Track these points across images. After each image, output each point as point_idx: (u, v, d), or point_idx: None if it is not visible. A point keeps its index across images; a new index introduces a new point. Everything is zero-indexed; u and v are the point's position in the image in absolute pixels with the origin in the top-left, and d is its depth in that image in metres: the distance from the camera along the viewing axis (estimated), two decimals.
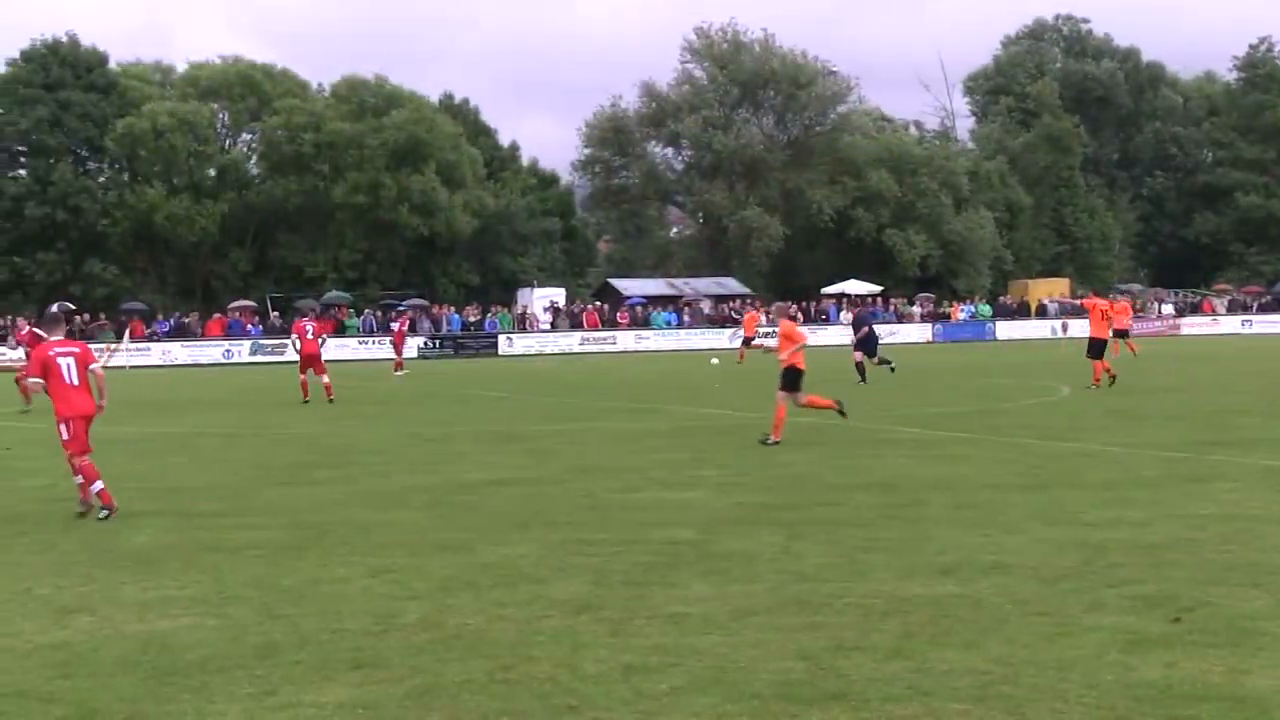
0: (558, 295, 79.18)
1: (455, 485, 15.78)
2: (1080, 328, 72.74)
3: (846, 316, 77.36)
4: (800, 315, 73.71)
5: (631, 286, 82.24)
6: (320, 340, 33.88)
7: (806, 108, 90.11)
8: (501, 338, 70.11)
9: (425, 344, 67.67)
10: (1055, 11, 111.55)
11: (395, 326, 54.45)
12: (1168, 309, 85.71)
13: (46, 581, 10.39)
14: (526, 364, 54.79)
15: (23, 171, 74.18)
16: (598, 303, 78.67)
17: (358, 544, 11.73)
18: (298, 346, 33.25)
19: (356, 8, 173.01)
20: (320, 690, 7.22)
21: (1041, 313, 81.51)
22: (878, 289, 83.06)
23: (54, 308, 29.42)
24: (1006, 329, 78.21)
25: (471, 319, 71.63)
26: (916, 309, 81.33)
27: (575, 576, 10.12)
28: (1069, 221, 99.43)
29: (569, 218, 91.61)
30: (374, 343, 67.60)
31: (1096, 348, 30.75)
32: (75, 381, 13.92)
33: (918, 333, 76.52)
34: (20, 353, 35.12)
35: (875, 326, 38.16)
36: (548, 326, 74.19)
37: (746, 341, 49.56)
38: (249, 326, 68.79)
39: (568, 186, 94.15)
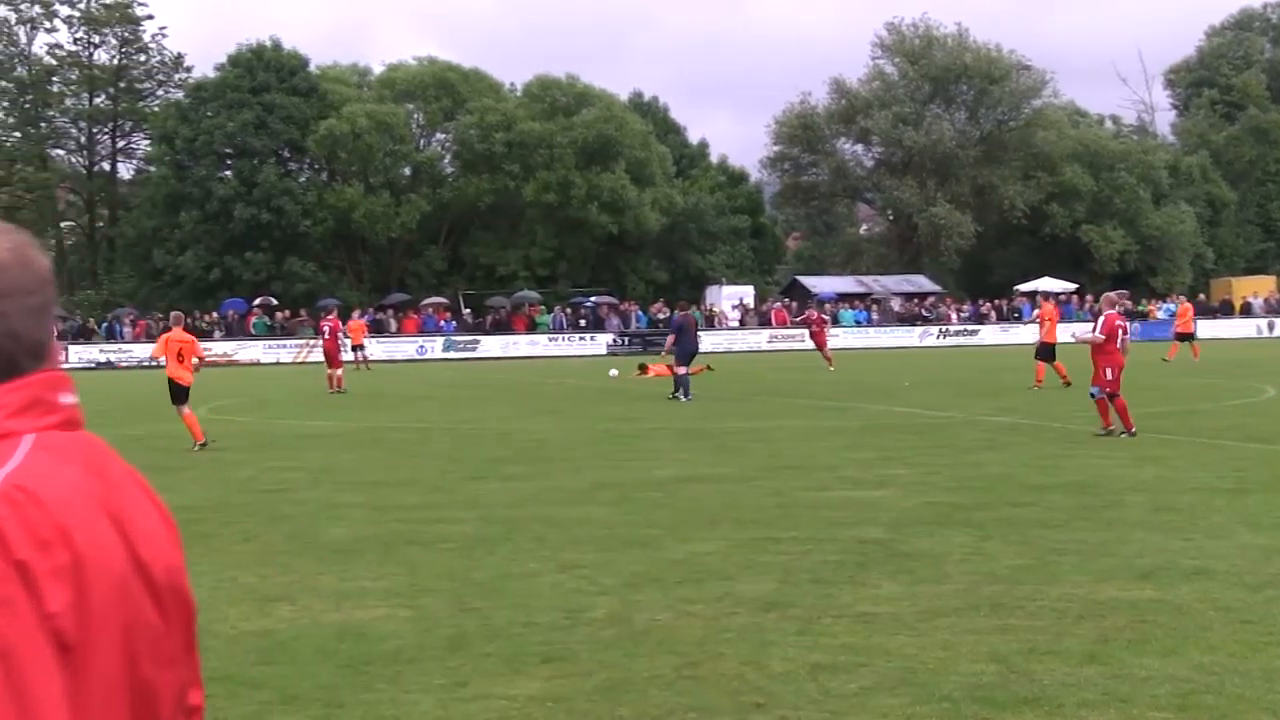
0: (746, 293, 79.03)
1: (644, 482, 15.85)
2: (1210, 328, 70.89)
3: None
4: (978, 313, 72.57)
5: (820, 284, 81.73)
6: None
7: (1000, 103, 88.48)
8: None
9: (614, 340, 68.39)
10: (1264, 0, 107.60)
11: (326, 330, 41.09)
12: None
13: (250, 571, 10.74)
14: (710, 360, 54.39)
15: (229, 174, 76.53)
16: (786, 300, 78.39)
17: (548, 539, 11.87)
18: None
19: (544, 8, 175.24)
20: (511, 683, 7.33)
21: (1246, 311, 78.76)
22: (1073, 286, 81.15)
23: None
24: (1207, 328, 75.76)
25: (660, 316, 71.97)
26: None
27: (763, 574, 10.10)
28: (1276, 217, 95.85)
29: (758, 215, 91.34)
30: (564, 340, 68.56)
31: (1045, 351, 32.22)
32: None
33: None
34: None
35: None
36: (736, 324, 74.14)
37: (355, 348, 51.11)
38: (443, 323, 70.20)
39: (756, 184, 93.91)
